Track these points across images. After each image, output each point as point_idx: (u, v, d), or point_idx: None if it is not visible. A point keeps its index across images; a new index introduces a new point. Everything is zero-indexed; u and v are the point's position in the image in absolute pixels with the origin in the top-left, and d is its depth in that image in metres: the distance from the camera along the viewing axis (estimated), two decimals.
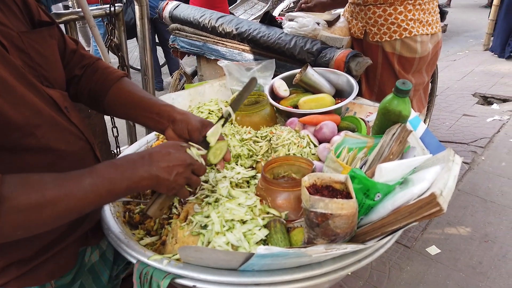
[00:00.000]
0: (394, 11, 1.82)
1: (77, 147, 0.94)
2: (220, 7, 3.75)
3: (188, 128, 1.01)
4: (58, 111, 0.90)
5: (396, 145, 0.97)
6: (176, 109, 1.04)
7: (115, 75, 1.07)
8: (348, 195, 0.86)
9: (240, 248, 0.87)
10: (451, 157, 0.91)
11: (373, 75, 2.00)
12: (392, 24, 1.84)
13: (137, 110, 1.04)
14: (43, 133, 0.83)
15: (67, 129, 0.92)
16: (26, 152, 0.82)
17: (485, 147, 3.39)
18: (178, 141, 0.94)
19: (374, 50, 1.94)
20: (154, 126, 1.05)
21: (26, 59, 0.85)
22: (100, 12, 1.89)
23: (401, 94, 1.03)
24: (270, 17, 2.10)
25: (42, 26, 0.92)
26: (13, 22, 0.85)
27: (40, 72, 0.88)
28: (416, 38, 1.86)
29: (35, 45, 0.88)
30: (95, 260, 1.07)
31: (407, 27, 1.83)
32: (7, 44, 0.81)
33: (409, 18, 1.83)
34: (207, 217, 0.95)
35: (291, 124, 1.37)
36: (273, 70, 1.64)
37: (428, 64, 2.04)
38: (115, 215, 1.10)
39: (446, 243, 2.39)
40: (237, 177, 1.09)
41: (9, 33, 0.83)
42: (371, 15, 1.87)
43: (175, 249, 0.96)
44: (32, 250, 0.89)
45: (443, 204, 0.77)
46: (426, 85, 2.17)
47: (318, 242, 0.82)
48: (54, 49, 0.96)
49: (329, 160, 1.02)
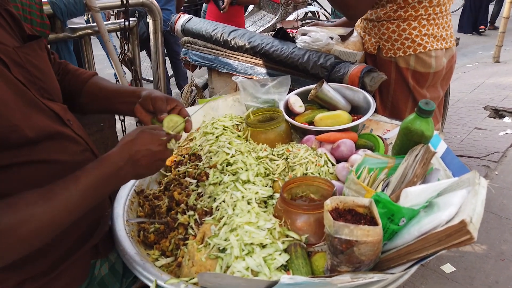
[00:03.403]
0: (408, 26, 1.81)
1: (82, 158, 0.96)
2: (236, 21, 3.77)
3: (152, 97, 1.01)
4: (62, 124, 0.92)
5: (420, 167, 0.95)
6: (145, 88, 1.08)
7: (87, 74, 1.12)
8: (372, 220, 0.83)
9: (261, 274, 0.84)
10: (477, 179, 0.89)
11: (386, 90, 1.97)
12: (406, 39, 1.83)
13: (111, 99, 1.09)
14: (46, 147, 0.86)
15: (73, 141, 0.94)
16: (30, 165, 0.84)
17: (498, 162, 3.33)
18: (155, 131, 0.92)
19: (388, 65, 1.92)
20: (126, 109, 1.07)
21: (25, 74, 0.87)
22: (114, 26, 1.90)
23: (424, 114, 1.01)
24: (283, 32, 2.10)
25: (31, 40, 0.94)
26: (6, 38, 0.87)
27: (39, 85, 0.90)
28: (430, 53, 1.84)
29: (30, 59, 0.89)
30: (105, 273, 1.07)
31: (421, 42, 1.82)
32: (7, 61, 0.82)
33: (423, 33, 1.82)
34: (225, 240, 0.93)
35: (308, 141, 1.35)
36: (288, 86, 1.62)
37: (443, 78, 2.01)
38: (129, 234, 1.08)
39: (461, 261, 2.34)
40: (256, 197, 1.07)
41: (6, 49, 0.84)
42: (384, 30, 1.86)
43: (192, 272, 0.93)
44: (45, 265, 0.90)
45: (474, 232, 0.75)
46: (441, 100, 2.14)
47: (342, 269, 0.79)
48: (47, 61, 0.98)
49: (350, 182, 0.99)
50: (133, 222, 1.16)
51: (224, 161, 1.23)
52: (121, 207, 1.17)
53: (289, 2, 5.94)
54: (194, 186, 1.22)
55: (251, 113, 1.52)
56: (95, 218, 1.04)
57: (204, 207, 1.11)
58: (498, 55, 6.07)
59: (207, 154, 1.32)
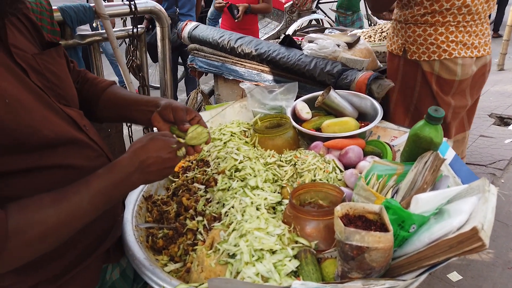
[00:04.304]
0: (434, 31, 1.77)
1: (97, 163, 0.96)
2: (250, 28, 3.79)
3: (172, 107, 1.01)
4: (78, 130, 0.93)
5: (430, 174, 0.95)
6: (161, 98, 1.09)
7: (106, 83, 1.14)
8: (382, 226, 0.83)
9: (271, 280, 0.84)
10: (487, 187, 0.89)
11: (410, 93, 1.93)
12: (431, 44, 1.79)
13: (127, 107, 1.10)
14: (63, 151, 0.87)
15: (88, 147, 0.95)
16: (46, 170, 0.84)
17: (504, 170, 3.32)
18: (165, 138, 0.92)
19: (413, 68, 1.88)
20: (143, 117, 1.07)
21: (43, 80, 0.88)
22: (123, 33, 1.92)
23: (433, 121, 1.01)
24: (290, 39, 2.11)
25: (50, 47, 0.95)
26: (26, 44, 0.88)
27: (56, 91, 0.91)
28: (456, 61, 1.79)
29: (48, 65, 0.90)
30: (116, 277, 1.07)
31: (447, 49, 1.78)
32: (26, 67, 0.83)
33: (450, 40, 1.77)
34: (235, 245, 0.93)
35: (316, 148, 1.35)
36: (295, 92, 1.63)
37: (473, 86, 1.94)
38: (138, 239, 1.09)
39: (468, 269, 2.32)
40: (264, 203, 1.07)
41: (25, 56, 0.85)
42: (410, 33, 1.84)
43: (201, 277, 0.93)
44: (58, 268, 0.90)
45: (485, 239, 0.74)
46: (470, 108, 2.04)
47: (352, 276, 0.79)
48: (65, 68, 1.00)
49: (360, 188, 0.99)
50: (142, 228, 1.16)
51: (233, 167, 1.23)
52: (129, 212, 1.17)
53: (294, 10, 5.98)
54: (202, 191, 1.22)
55: (258, 119, 1.53)
56: (109, 223, 1.04)
57: (212, 213, 1.11)
58: (503, 63, 6.06)
59: (215, 160, 1.32)
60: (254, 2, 3.83)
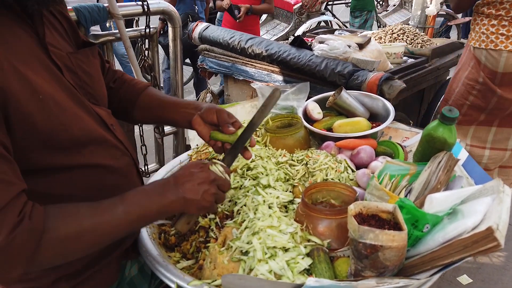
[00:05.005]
0: (488, 22, 1.91)
1: (122, 162, 0.98)
2: (251, 29, 3.81)
3: (217, 109, 1.02)
4: (106, 129, 0.94)
5: (444, 174, 0.95)
6: (199, 102, 1.11)
7: (142, 85, 1.15)
8: (395, 225, 0.83)
9: (284, 277, 0.85)
10: (501, 187, 0.89)
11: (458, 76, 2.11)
12: (482, 34, 1.93)
13: (165, 109, 1.10)
14: (91, 150, 0.88)
15: (114, 146, 0.96)
16: (74, 169, 0.86)
17: None
18: (199, 160, 0.95)
19: (469, 51, 2.05)
20: (183, 119, 1.07)
21: (75, 78, 0.89)
22: (135, 33, 1.94)
23: (447, 121, 1.01)
24: (300, 40, 2.12)
25: (85, 47, 0.97)
26: (62, 43, 0.90)
27: (87, 90, 0.93)
28: (501, 53, 1.88)
29: (82, 64, 0.92)
30: (134, 273, 1.09)
31: (494, 40, 1.88)
32: (61, 65, 0.85)
33: (500, 33, 1.88)
34: (248, 243, 0.94)
35: (327, 148, 1.35)
36: (307, 93, 1.64)
37: None
38: (151, 236, 1.10)
39: (478, 272, 2.30)
40: (277, 201, 1.07)
41: (60, 54, 0.87)
42: (472, 21, 2.02)
43: (213, 274, 0.94)
44: (80, 264, 0.92)
45: (501, 239, 0.74)
46: None
47: (366, 274, 0.79)
48: (98, 68, 1.01)
49: (373, 188, 0.99)
50: (155, 225, 1.17)
51: (244, 165, 1.24)
52: None
53: (303, 12, 5.99)
54: None
55: (270, 119, 1.54)
56: None
57: (225, 211, 1.12)
58: None
59: None
60: (256, 3, 3.85)
